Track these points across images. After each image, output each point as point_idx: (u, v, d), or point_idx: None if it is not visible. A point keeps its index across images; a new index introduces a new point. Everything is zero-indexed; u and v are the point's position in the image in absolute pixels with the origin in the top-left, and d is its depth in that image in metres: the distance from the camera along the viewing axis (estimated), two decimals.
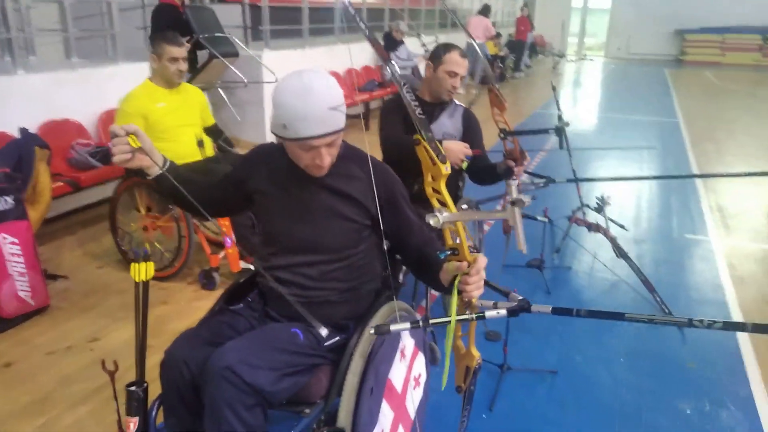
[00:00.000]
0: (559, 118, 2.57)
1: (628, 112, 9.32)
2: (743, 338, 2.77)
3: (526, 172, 2.70)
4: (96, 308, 2.91)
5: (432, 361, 2.25)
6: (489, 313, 1.29)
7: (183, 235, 3.12)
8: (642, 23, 18.26)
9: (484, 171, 2.61)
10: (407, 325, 1.26)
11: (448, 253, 1.32)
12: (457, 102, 2.72)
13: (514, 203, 1.14)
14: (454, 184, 2.78)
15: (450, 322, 1.27)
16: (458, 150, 2.47)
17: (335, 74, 6.48)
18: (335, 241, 1.57)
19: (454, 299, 1.30)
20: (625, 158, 6.16)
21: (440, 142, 2.54)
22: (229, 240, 3.09)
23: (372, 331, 1.22)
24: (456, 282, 1.31)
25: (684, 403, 2.29)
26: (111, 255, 3.45)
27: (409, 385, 1.72)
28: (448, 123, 2.68)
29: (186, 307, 2.96)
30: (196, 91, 3.36)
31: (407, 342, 1.73)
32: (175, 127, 3.14)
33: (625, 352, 2.63)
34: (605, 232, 3.26)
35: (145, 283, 1.50)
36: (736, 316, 3.00)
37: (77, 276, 3.24)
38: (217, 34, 5.12)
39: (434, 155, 1.27)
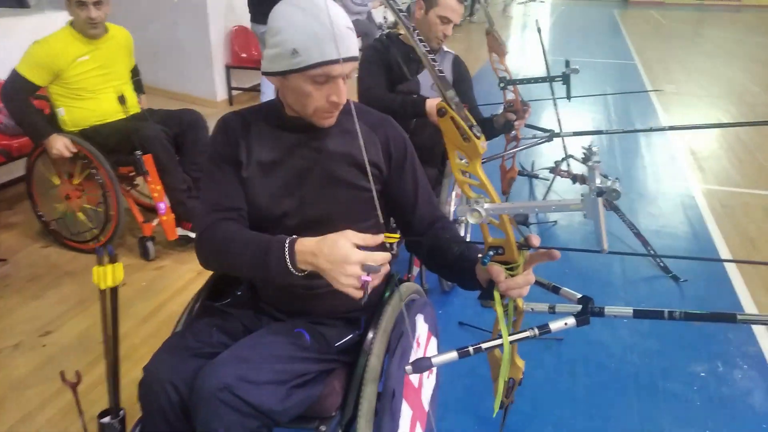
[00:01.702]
0: (567, 64, 2.33)
1: (585, 54, 9.18)
2: (740, 286, 2.70)
3: (527, 125, 2.47)
4: (45, 295, 2.56)
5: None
6: (555, 326, 1.05)
7: (111, 213, 2.77)
8: None
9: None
10: (454, 354, 1.01)
11: (491, 254, 1.03)
12: (445, 48, 2.45)
13: (601, 194, 0.86)
14: (441, 141, 2.53)
15: (503, 341, 1.04)
16: None
17: None
18: (343, 216, 1.29)
19: (500, 315, 1.05)
20: (594, 103, 6.02)
21: (425, 97, 2.30)
22: (163, 206, 2.76)
23: (409, 369, 0.97)
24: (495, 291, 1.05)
25: (696, 365, 2.19)
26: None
27: (424, 375, 1.53)
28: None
29: (147, 288, 2.65)
30: (122, 34, 2.89)
31: (422, 329, 1.52)
32: (99, 85, 2.75)
33: None
34: None
35: (114, 290, 1.21)
36: (731, 264, 2.92)
37: (18, 258, 2.86)
38: None
39: (466, 128, 0.95)
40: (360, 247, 1.06)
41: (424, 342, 1.54)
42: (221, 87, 5.93)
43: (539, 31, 3.02)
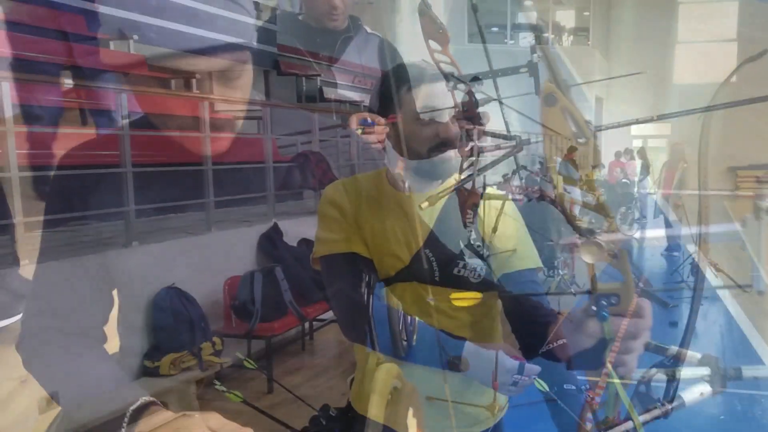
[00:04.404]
0: (532, 50, 2.09)
1: None
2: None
3: (486, 133, 2.04)
4: None
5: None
6: (689, 398, 0.78)
7: None
8: None
9: None
10: None
11: (605, 304, 0.72)
12: (368, 30, 1.98)
13: None
14: None
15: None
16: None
17: None
18: None
19: (622, 393, 0.73)
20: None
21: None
22: None
23: None
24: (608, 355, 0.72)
25: None
26: None
27: None
28: (360, 61, 1.97)
29: None
30: None
31: None
32: None
33: None
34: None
35: None
36: None
37: None
38: None
39: (583, 123, 0.69)
40: None
41: None
42: None
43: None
